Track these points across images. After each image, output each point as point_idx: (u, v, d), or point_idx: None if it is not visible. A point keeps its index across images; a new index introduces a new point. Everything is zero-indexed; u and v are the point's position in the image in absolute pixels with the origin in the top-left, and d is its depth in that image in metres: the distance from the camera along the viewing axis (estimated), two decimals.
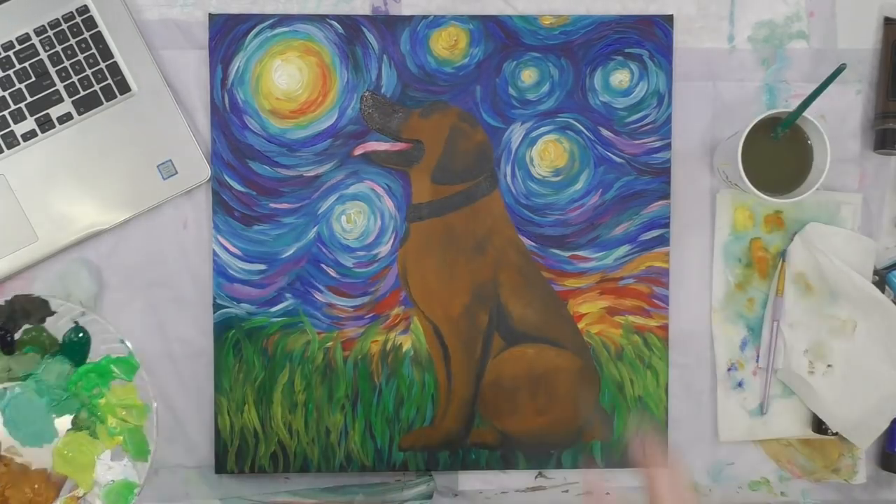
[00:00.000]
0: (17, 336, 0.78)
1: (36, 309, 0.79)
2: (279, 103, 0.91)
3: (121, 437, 0.78)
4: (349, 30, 0.92)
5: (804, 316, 0.93)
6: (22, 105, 0.89)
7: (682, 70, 0.93)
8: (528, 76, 0.93)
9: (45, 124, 0.89)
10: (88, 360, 0.79)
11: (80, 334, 0.79)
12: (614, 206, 0.93)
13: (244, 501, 0.88)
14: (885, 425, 0.92)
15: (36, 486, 0.76)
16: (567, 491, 0.94)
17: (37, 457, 0.78)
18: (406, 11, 0.93)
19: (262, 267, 0.91)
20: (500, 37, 0.92)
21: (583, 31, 0.93)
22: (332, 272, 0.92)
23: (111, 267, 0.91)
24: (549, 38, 0.92)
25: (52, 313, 0.79)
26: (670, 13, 0.93)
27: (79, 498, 0.77)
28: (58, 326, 0.79)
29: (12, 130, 0.89)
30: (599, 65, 0.93)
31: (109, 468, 0.78)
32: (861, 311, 0.92)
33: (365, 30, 0.92)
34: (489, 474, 0.93)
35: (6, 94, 0.89)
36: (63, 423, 0.78)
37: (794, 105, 0.93)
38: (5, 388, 0.77)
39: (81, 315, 0.79)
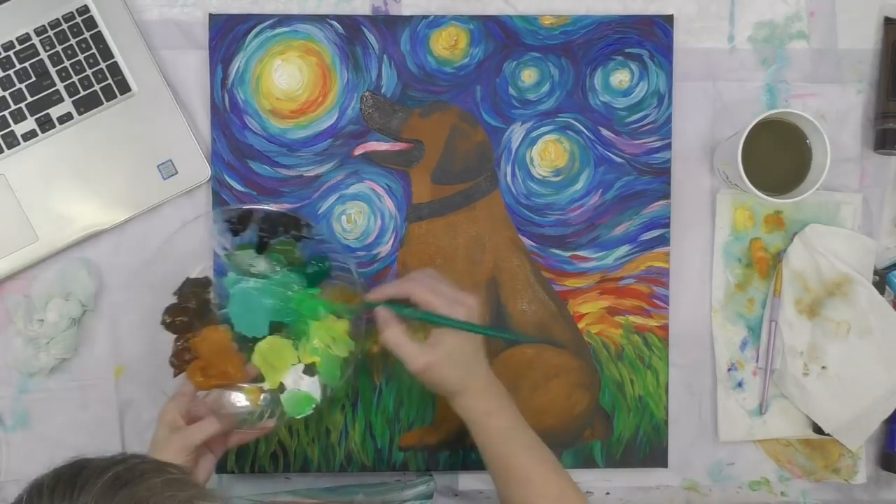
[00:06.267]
0: (272, 242, 0.85)
1: (295, 227, 0.86)
2: (279, 103, 0.91)
3: (318, 359, 0.83)
4: (349, 30, 0.92)
5: (800, 317, 0.93)
6: (22, 105, 0.89)
7: (682, 70, 0.93)
8: (529, 76, 0.93)
9: (46, 124, 0.89)
10: (320, 287, 0.85)
11: (323, 263, 0.85)
12: (614, 206, 0.93)
13: (244, 501, 0.88)
14: (875, 426, 0.93)
15: (234, 364, 0.82)
16: None
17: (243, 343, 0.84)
18: (406, 11, 0.93)
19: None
20: (501, 37, 0.92)
21: (583, 31, 0.93)
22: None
23: (111, 267, 0.91)
24: (550, 38, 0.92)
25: (310, 238, 0.86)
26: (670, 13, 0.93)
27: (263, 391, 0.83)
28: (308, 250, 0.85)
29: (12, 130, 0.89)
30: (600, 65, 0.93)
31: (300, 378, 0.83)
32: (856, 313, 0.92)
33: (365, 30, 0.92)
34: (489, 474, 0.93)
35: (6, 94, 0.89)
36: (276, 328, 0.84)
37: (794, 105, 0.93)
38: (242, 278, 0.84)
39: (334, 251, 0.86)
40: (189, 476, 0.55)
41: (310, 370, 0.83)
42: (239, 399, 0.83)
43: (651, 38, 0.93)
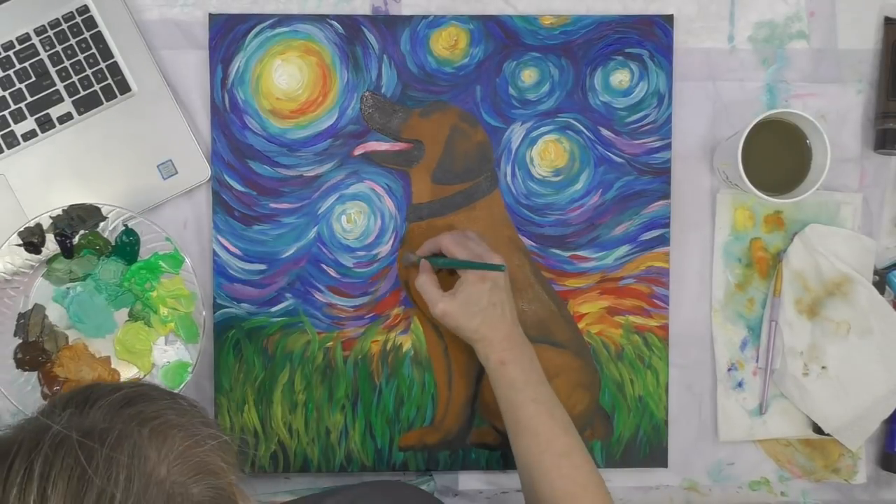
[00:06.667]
0: (75, 241, 0.86)
1: (90, 215, 0.85)
2: (279, 103, 0.91)
3: (172, 324, 0.86)
4: (349, 30, 0.92)
5: (800, 317, 0.93)
6: (22, 105, 0.89)
7: (682, 70, 0.93)
8: (529, 76, 0.93)
9: (46, 124, 0.89)
10: (139, 259, 0.87)
11: (131, 236, 0.86)
12: (614, 206, 0.93)
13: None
14: (875, 426, 0.93)
15: (103, 370, 0.86)
16: None
17: (102, 347, 0.87)
18: (406, 11, 0.93)
19: (263, 267, 0.91)
20: (501, 37, 0.92)
21: (583, 31, 0.93)
22: (332, 272, 0.91)
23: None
24: (550, 38, 0.92)
25: (104, 218, 0.86)
26: (670, 13, 0.93)
27: (140, 379, 0.86)
28: (110, 230, 0.87)
29: (12, 130, 0.89)
30: (600, 65, 0.93)
31: (165, 351, 0.87)
32: (856, 313, 0.92)
33: (365, 30, 0.92)
34: (489, 474, 0.93)
35: (6, 94, 0.89)
36: (121, 315, 0.87)
37: (794, 105, 0.93)
38: (68, 289, 0.87)
39: (130, 218, 0.86)
40: (200, 409, 0.56)
41: (171, 340, 0.87)
42: None
43: (651, 38, 0.93)
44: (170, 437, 0.52)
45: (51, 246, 0.86)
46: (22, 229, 0.85)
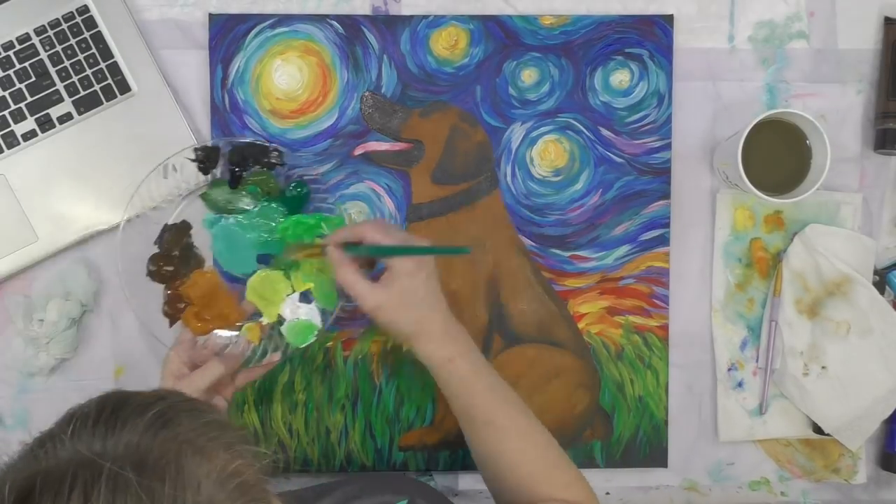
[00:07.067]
0: (246, 175, 0.85)
1: (265, 155, 0.85)
2: (279, 103, 0.91)
3: (311, 284, 0.84)
4: (349, 30, 0.92)
5: (800, 317, 0.93)
6: (22, 105, 0.89)
7: (682, 70, 0.93)
8: (529, 76, 0.93)
9: (46, 124, 0.89)
10: (302, 213, 0.85)
11: (302, 188, 0.85)
12: (614, 206, 0.93)
13: None
14: (875, 426, 0.93)
15: (227, 303, 0.83)
16: None
17: (234, 282, 0.85)
18: (406, 11, 0.93)
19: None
20: (501, 37, 0.92)
21: (583, 31, 0.93)
22: None
23: (111, 267, 0.91)
24: (550, 38, 0.92)
25: (283, 164, 0.85)
26: (670, 13, 0.93)
27: (264, 325, 0.83)
28: (283, 178, 0.85)
29: (12, 130, 0.89)
30: (599, 65, 0.93)
31: (298, 307, 0.84)
32: (856, 313, 0.92)
33: (365, 30, 0.92)
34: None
35: (6, 94, 0.89)
36: (263, 259, 0.85)
37: (794, 105, 0.93)
38: (221, 217, 0.85)
39: (308, 174, 0.86)
40: (227, 419, 0.54)
41: (305, 297, 0.84)
42: (239, 338, 0.83)
43: (651, 38, 0.93)
44: (213, 457, 0.49)
45: (218, 172, 0.85)
46: (199, 146, 0.84)
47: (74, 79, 0.89)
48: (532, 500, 0.76)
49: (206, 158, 0.85)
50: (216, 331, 0.82)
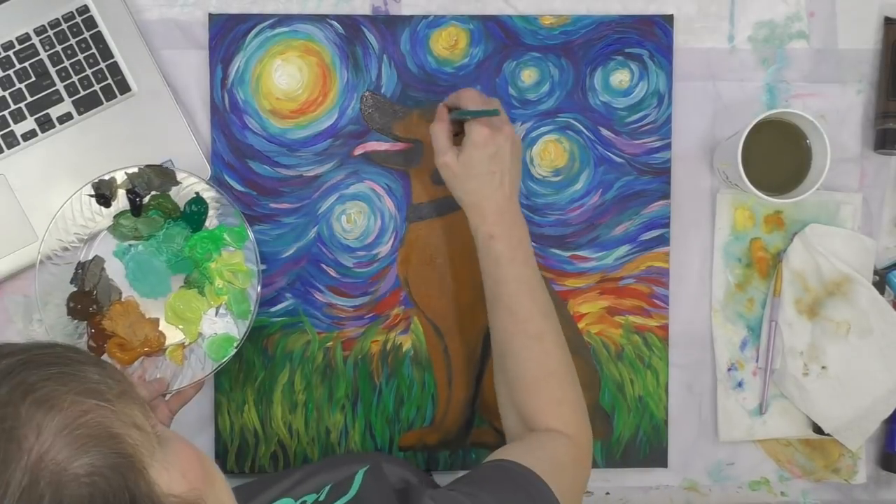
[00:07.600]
0: (145, 201, 0.87)
1: (163, 178, 0.86)
2: (279, 103, 0.91)
3: (225, 297, 0.87)
4: (349, 30, 0.92)
5: (800, 317, 0.93)
6: (22, 105, 0.89)
7: (682, 70, 0.93)
8: (528, 76, 0.93)
9: (46, 124, 0.89)
10: (204, 228, 0.87)
11: (200, 205, 0.87)
12: (614, 206, 0.93)
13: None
14: (875, 426, 0.93)
15: (150, 330, 0.86)
16: None
17: (152, 309, 0.87)
18: (406, 11, 0.93)
19: (263, 267, 0.91)
20: (500, 37, 0.92)
21: (583, 31, 0.93)
22: (332, 272, 0.92)
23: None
24: (549, 38, 0.92)
25: (177, 183, 0.86)
26: (670, 13, 0.93)
27: (185, 346, 0.86)
28: (180, 196, 0.87)
29: (12, 130, 0.89)
30: (599, 65, 0.93)
31: (214, 322, 0.87)
32: (856, 313, 0.92)
33: (365, 30, 0.92)
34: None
35: (6, 93, 0.89)
36: (177, 281, 0.88)
37: (794, 105, 0.93)
38: (130, 246, 0.87)
39: (204, 188, 0.86)
40: (103, 371, 0.51)
41: (221, 312, 0.87)
42: (163, 361, 0.86)
43: (651, 38, 0.93)
44: (61, 407, 0.46)
45: (121, 202, 0.87)
46: (96, 180, 0.85)
47: (74, 79, 0.89)
48: (520, 407, 0.78)
49: (104, 191, 0.86)
50: (141, 357, 0.86)
